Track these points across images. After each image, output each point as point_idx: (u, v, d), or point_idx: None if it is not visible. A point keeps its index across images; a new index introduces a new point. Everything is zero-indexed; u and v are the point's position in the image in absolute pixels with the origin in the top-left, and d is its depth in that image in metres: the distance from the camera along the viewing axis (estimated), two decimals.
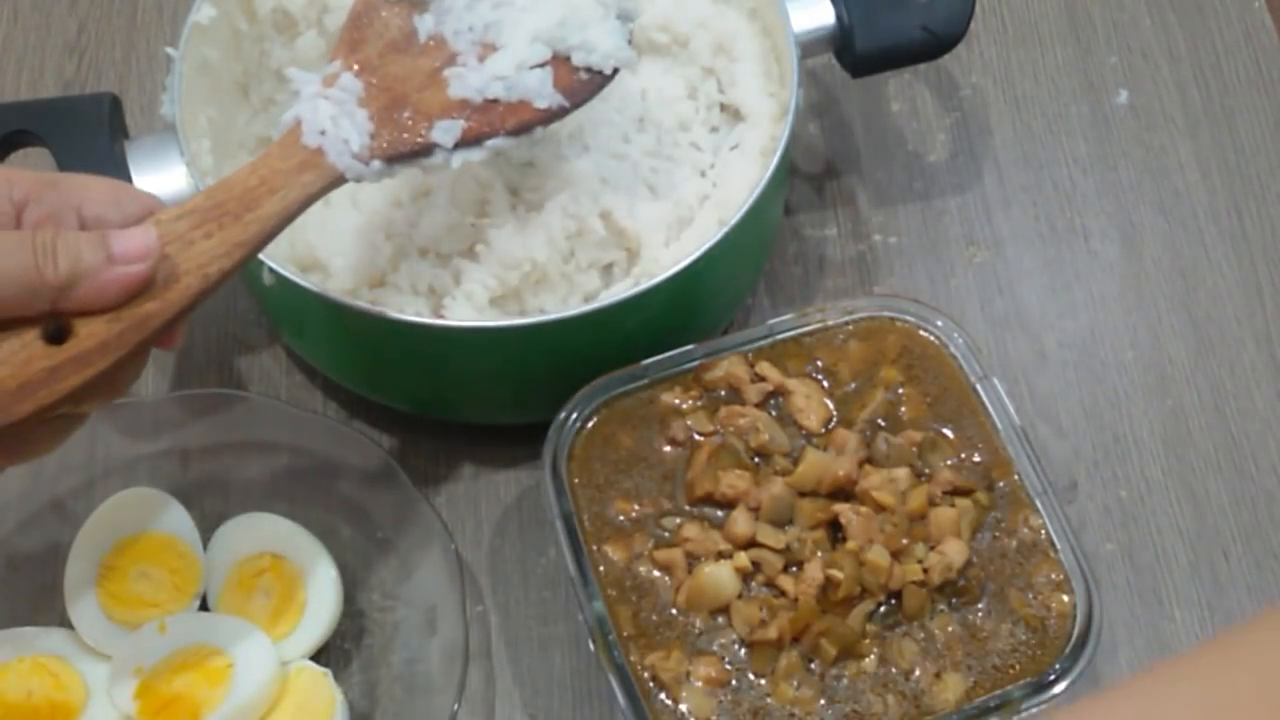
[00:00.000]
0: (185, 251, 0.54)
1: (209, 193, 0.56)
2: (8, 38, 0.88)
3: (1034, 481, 0.64)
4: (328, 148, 0.58)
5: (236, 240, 0.55)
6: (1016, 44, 0.88)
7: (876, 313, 0.68)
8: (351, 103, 0.59)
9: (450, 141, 0.59)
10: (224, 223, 0.55)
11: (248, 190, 0.56)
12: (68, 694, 0.64)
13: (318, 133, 0.58)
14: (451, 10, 0.62)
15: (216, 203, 0.55)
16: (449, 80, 0.60)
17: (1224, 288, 0.79)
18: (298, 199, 0.57)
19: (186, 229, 0.54)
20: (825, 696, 0.59)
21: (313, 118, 0.58)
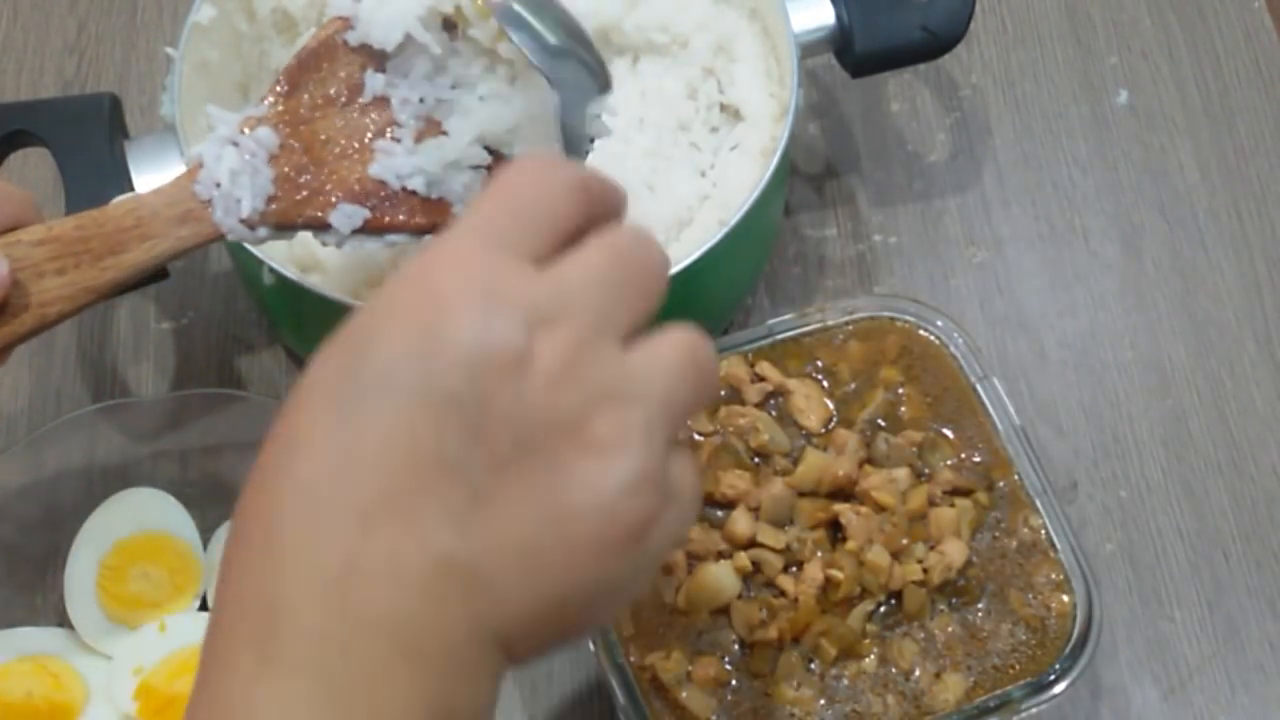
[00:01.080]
0: (34, 283, 0.52)
1: (80, 222, 0.54)
2: (8, 38, 0.88)
3: (1034, 481, 0.64)
4: (217, 204, 0.55)
5: (87, 284, 0.53)
6: (1016, 44, 0.88)
7: (876, 313, 0.68)
8: (261, 158, 0.56)
9: (347, 229, 0.56)
10: (82, 261, 0.53)
11: (120, 230, 0.54)
12: (68, 694, 0.64)
13: (213, 184, 0.55)
14: (408, 77, 0.58)
15: (84, 235, 0.53)
16: (375, 154, 0.57)
17: (1224, 288, 0.79)
18: (166, 252, 0.55)
19: (43, 258, 0.52)
20: (825, 696, 0.59)
21: (213, 166, 0.55)
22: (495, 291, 0.37)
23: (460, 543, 0.36)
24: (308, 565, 0.36)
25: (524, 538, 0.36)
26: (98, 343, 0.77)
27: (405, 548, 0.35)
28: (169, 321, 0.78)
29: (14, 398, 0.76)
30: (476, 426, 0.36)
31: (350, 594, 0.35)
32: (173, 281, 0.70)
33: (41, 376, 0.76)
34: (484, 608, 0.36)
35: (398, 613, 0.35)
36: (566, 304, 0.38)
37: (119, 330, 0.78)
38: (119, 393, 0.76)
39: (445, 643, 0.36)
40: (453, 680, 0.36)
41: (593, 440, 0.37)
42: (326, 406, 0.38)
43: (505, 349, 0.36)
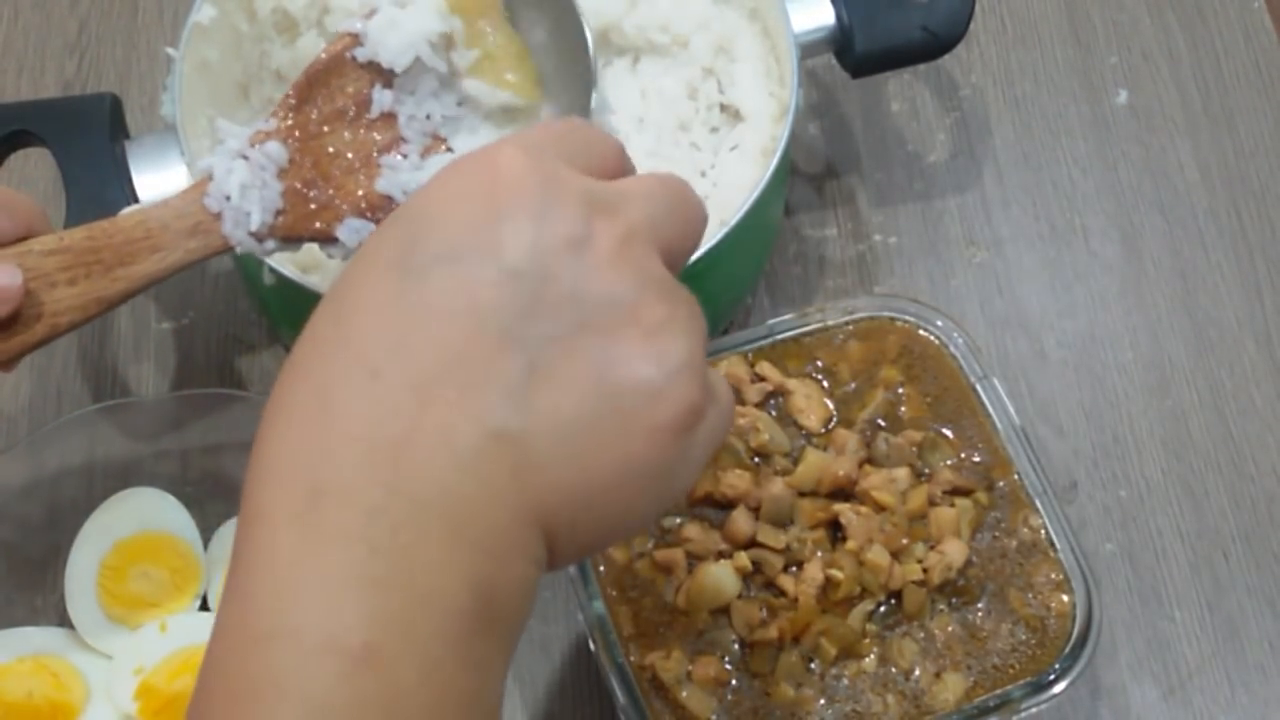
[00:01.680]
0: (45, 293, 0.52)
1: (91, 232, 0.54)
2: (8, 38, 0.88)
3: (1034, 481, 0.64)
4: (227, 217, 0.56)
5: (98, 294, 0.53)
6: (1016, 44, 0.88)
7: (876, 313, 0.68)
8: (270, 172, 0.56)
9: (354, 243, 0.57)
10: (93, 272, 0.53)
11: (129, 241, 0.54)
12: (68, 694, 0.64)
13: (223, 197, 0.56)
14: (415, 94, 0.59)
15: (94, 246, 0.53)
16: (381, 169, 0.57)
17: (1224, 288, 0.79)
18: (176, 264, 0.55)
19: (54, 268, 0.52)
20: (825, 696, 0.59)
21: (224, 179, 0.56)
22: (557, 178, 0.38)
23: (514, 417, 0.36)
24: (359, 437, 0.35)
25: (578, 414, 0.36)
26: (98, 342, 0.78)
27: (460, 421, 0.35)
28: (169, 321, 0.78)
29: (14, 398, 0.76)
30: (537, 300, 0.37)
31: (401, 467, 0.35)
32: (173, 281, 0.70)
33: (42, 376, 0.76)
34: (532, 487, 0.36)
35: (447, 487, 0.35)
36: (623, 200, 0.39)
37: (120, 330, 0.78)
38: (119, 393, 0.76)
39: (492, 521, 0.36)
40: (496, 561, 0.36)
41: (648, 323, 0.38)
42: (388, 274, 0.37)
43: (567, 226, 0.37)
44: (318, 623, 0.34)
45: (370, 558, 0.34)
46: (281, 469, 0.36)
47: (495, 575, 0.36)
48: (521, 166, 0.38)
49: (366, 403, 0.36)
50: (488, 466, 0.36)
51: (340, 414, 0.36)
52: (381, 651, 0.34)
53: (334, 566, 0.34)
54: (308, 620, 0.34)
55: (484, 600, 0.36)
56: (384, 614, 0.34)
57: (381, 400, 0.36)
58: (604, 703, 0.68)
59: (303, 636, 0.34)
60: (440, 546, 0.35)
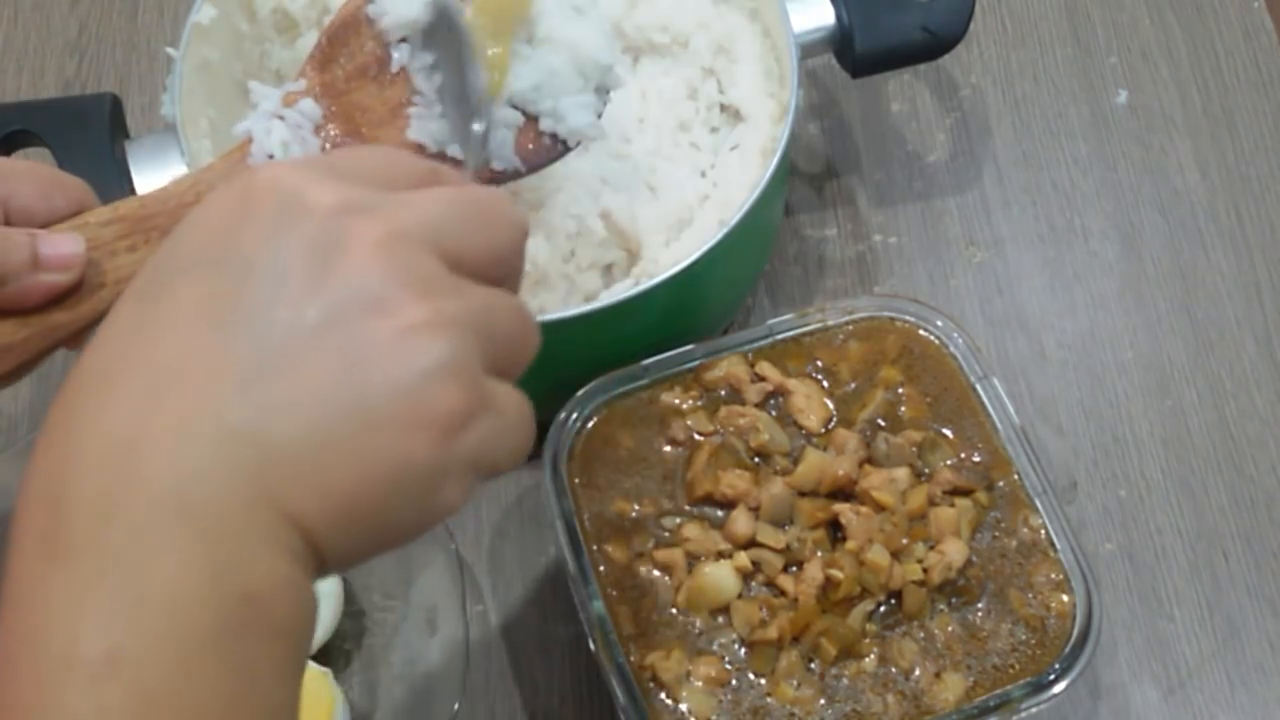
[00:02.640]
0: (107, 261, 0.52)
1: (143, 201, 0.54)
2: (8, 38, 0.88)
3: (1034, 481, 0.64)
4: None
5: None
6: (1016, 44, 0.88)
7: (876, 313, 0.68)
8: (307, 129, 0.57)
9: None
10: (150, 237, 0.53)
11: (182, 205, 0.55)
12: None
13: (265, 156, 0.56)
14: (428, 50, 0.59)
15: (148, 214, 0.54)
16: (410, 119, 0.58)
17: (1224, 288, 0.79)
18: None
19: (113, 237, 0.53)
20: (825, 696, 0.59)
21: (264, 139, 0.57)
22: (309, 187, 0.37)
23: (249, 411, 0.35)
24: (93, 445, 0.35)
25: (318, 408, 0.35)
26: None
27: (192, 415, 0.35)
28: None
29: (14, 398, 0.76)
30: (274, 294, 0.36)
31: (135, 469, 0.34)
32: None
33: (42, 376, 0.76)
34: (276, 484, 0.35)
35: (183, 486, 0.34)
36: (394, 205, 0.38)
37: None
38: None
39: (232, 518, 0.35)
40: (243, 557, 0.35)
41: (401, 321, 0.36)
42: (134, 295, 0.38)
43: (311, 227, 0.37)
44: (59, 637, 0.34)
45: (106, 563, 0.34)
46: (29, 487, 0.36)
47: (244, 572, 0.35)
48: (276, 180, 0.38)
49: (98, 409, 0.36)
50: (225, 462, 0.35)
51: (76, 424, 0.36)
52: (124, 659, 0.33)
53: (72, 577, 0.34)
54: (51, 636, 0.34)
55: (236, 598, 0.34)
56: (124, 619, 0.33)
57: (113, 403, 0.35)
58: (604, 703, 0.68)
59: (47, 653, 0.34)
60: (178, 545, 0.34)
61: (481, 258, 0.40)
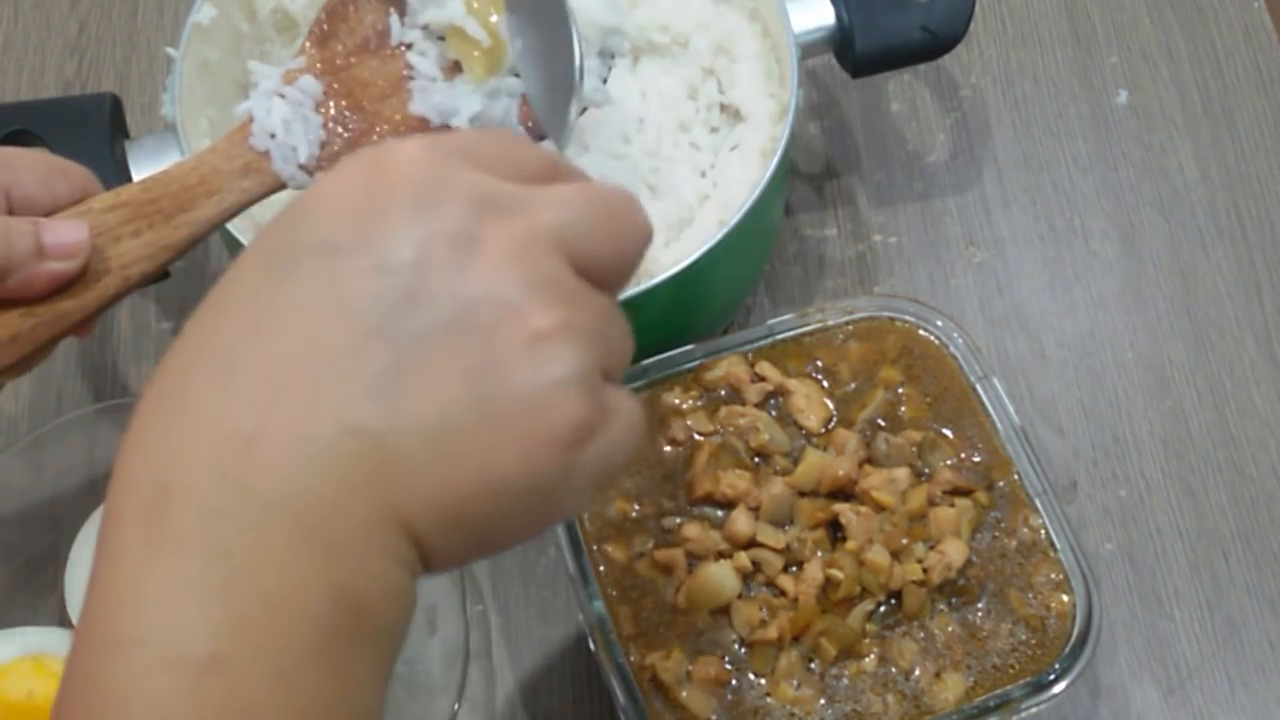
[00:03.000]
0: (111, 247, 0.52)
1: (145, 185, 0.54)
2: (8, 38, 0.88)
3: (1034, 481, 0.64)
4: (275, 153, 0.56)
5: (164, 243, 0.53)
6: (1016, 44, 0.88)
7: (876, 313, 0.68)
8: (308, 106, 0.57)
9: None
10: (154, 222, 0.53)
11: (185, 188, 0.54)
12: None
13: (267, 135, 0.56)
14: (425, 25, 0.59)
15: (151, 198, 0.54)
16: (413, 93, 0.58)
17: (1224, 288, 0.79)
18: (234, 204, 0.55)
19: (116, 223, 0.53)
20: (825, 696, 0.59)
21: (265, 118, 0.56)
22: (449, 176, 0.36)
23: (374, 416, 0.34)
24: (208, 436, 0.34)
25: (445, 417, 0.34)
26: (98, 342, 0.78)
27: (315, 416, 0.33)
28: (169, 321, 0.78)
29: (14, 398, 0.76)
30: (410, 295, 0.34)
31: (251, 467, 0.33)
32: (173, 281, 0.70)
33: (42, 376, 0.76)
34: (394, 490, 0.34)
35: (300, 488, 0.33)
36: (529, 204, 0.37)
37: (120, 330, 0.78)
38: (119, 393, 0.76)
39: (349, 523, 0.34)
40: (355, 566, 0.34)
41: (534, 329, 0.35)
42: (258, 269, 0.36)
43: (451, 222, 0.35)
44: (162, 632, 0.33)
45: (216, 561, 0.33)
46: (133, 468, 0.35)
47: (356, 579, 0.34)
48: (413, 163, 0.36)
49: (218, 397, 0.34)
50: (344, 466, 0.33)
51: (192, 409, 0.34)
52: (228, 661, 0.32)
53: (179, 571, 0.33)
54: (152, 629, 0.33)
55: (344, 606, 0.34)
56: (230, 621, 0.33)
57: (233, 394, 0.34)
58: (604, 703, 0.68)
59: (147, 646, 0.32)
60: (291, 549, 0.33)
61: (607, 263, 0.38)
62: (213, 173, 0.55)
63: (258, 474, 0.33)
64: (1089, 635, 0.60)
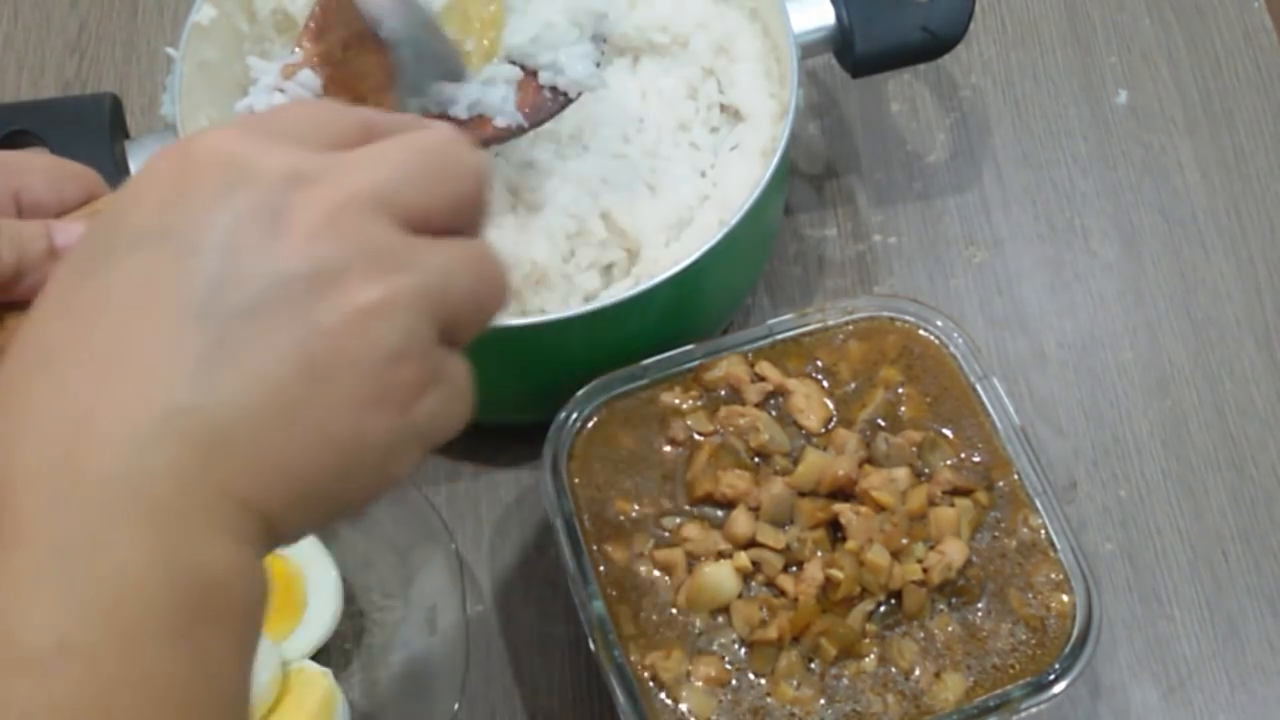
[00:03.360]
0: None
1: None
2: (8, 38, 0.88)
3: (1034, 481, 0.64)
4: None
5: None
6: (1016, 44, 0.88)
7: (876, 313, 0.68)
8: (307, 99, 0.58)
9: None
10: None
11: None
12: None
13: None
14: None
15: None
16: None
17: (1224, 288, 0.79)
18: None
19: None
20: (825, 696, 0.59)
21: None
22: (251, 154, 0.36)
23: (196, 394, 0.34)
24: (38, 427, 0.34)
25: (270, 390, 0.34)
26: None
27: (139, 400, 0.34)
28: None
29: None
30: (223, 273, 0.35)
31: (82, 452, 0.33)
32: None
33: None
34: (226, 467, 0.34)
35: (131, 469, 0.33)
36: (340, 169, 0.37)
37: None
38: None
39: (183, 504, 0.34)
40: (196, 545, 0.34)
41: (356, 300, 0.35)
42: (72, 271, 0.36)
43: (256, 199, 0.35)
44: (7, 632, 0.32)
45: (56, 550, 0.33)
46: None
47: (199, 558, 0.34)
48: (216, 147, 0.36)
49: (43, 389, 0.34)
50: (173, 447, 0.34)
51: (19, 404, 0.35)
52: (76, 649, 0.32)
53: (19, 565, 0.33)
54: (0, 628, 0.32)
55: (190, 585, 0.34)
56: (75, 609, 0.32)
57: (60, 386, 0.34)
58: (604, 703, 0.68)
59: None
60: (130, 532, 0.33)
61: (443, 209, 0.38)
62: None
63: (91, 458, 0.33)
64: (1089, 635, 0.60)
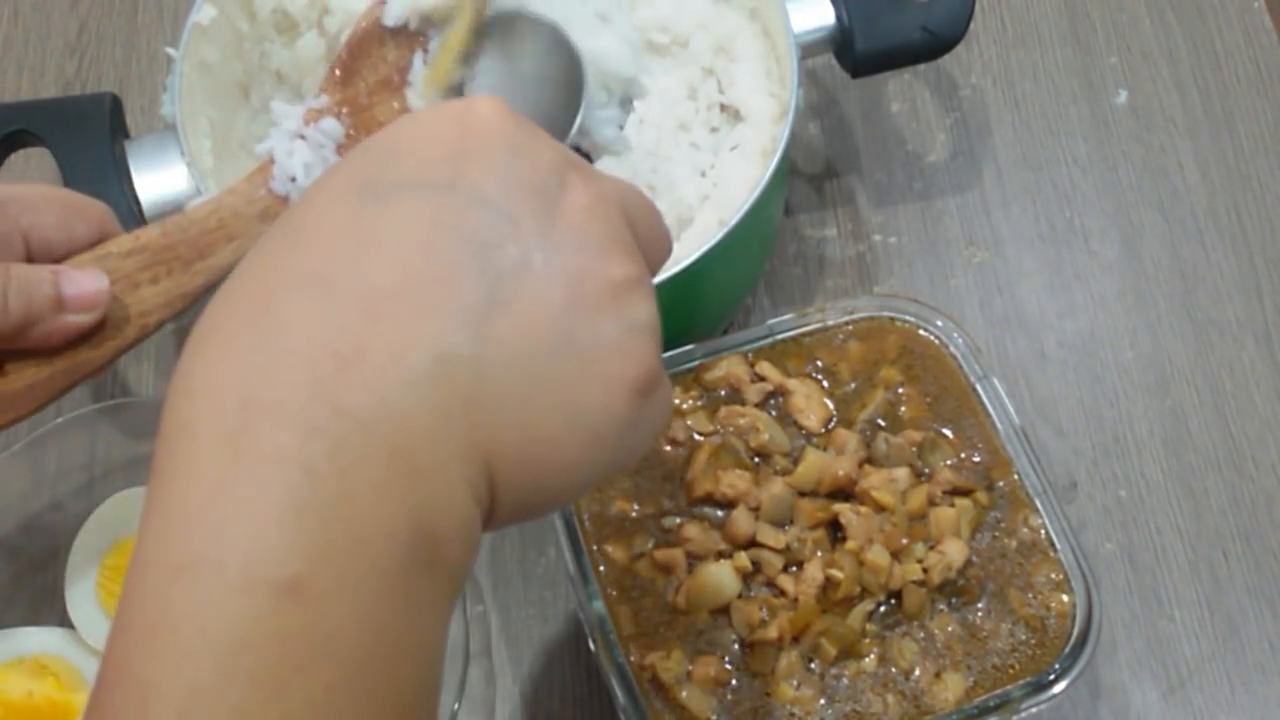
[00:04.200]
0: (130, 294, 0.52)
1: (165, 229, 0.54)
2: (8, 38, 0.88)
3: (1034, 481, 0.64)
4: (295, 197, 0.56)
5: (182, 291, 0.53)
6: (1016, 44, 0.88)
7: (876, 313, 0.68)
8: (329, 148, 0.57)
9: None
10: (173, 268, 0.53)
11: (204, 233, 0.54)
12: (68, 694, 0.64)
13: (288, 179, 0.56)
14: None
15: (170, 243, 0.53)
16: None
17: (1224, 288, 0.79)
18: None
19: (135, 269, 0.53)
20: (825, 696, 0.59)
21: (285, 161, 0.56)
22: (533, 130, 0.38)
23: (470, 343, 0.34)
24: (302, 352, 0.33)
25: (535, 349, 0.35)
26: None
27: (412, 339, 0.33)
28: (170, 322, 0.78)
29: None
30: (503, 231, 0.35)
31: (346, 386, 0.32)
32: None
33: None
34: (481, 418, 0.34)
35: (393, 408, 0.33)
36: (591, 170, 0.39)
37: None
38: (119, 393, 0.76)
39: (437, 449, 0.33)
40: (438, 493, 0.33)
41: (615, 275, 0.37)
42: (348, 197, 0.36)
43: (541, 169, 0.37)
44: (242, 553, 0.31)
45: (305, 481, 0.32)
46: (211, 381, 0.33)
47: (436, 509, 0.33)
48: (499, 113, 0.37)
49: (312, 315, 0.34)
50: (438, 391, 0.33)
51: (283, 326, 0.34)
52: (310, 586, 0.31)
53: (264, 490, 0.32)
54: (231, 550, 0.31)
55: (423, 536, 0.33)
56: (316, 545, 0.31)
57: (329, 313, 0.34)
58: (604, 703, 0.68)
59: (225, 567, 0.31)
60: (381, 472, 0.32)
61: (648, 246, 0.40)
62: (232, 217, 0.55)
63: (353, 394, 0.32)
64: (1089, 635, 0.60)
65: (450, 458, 0.34)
